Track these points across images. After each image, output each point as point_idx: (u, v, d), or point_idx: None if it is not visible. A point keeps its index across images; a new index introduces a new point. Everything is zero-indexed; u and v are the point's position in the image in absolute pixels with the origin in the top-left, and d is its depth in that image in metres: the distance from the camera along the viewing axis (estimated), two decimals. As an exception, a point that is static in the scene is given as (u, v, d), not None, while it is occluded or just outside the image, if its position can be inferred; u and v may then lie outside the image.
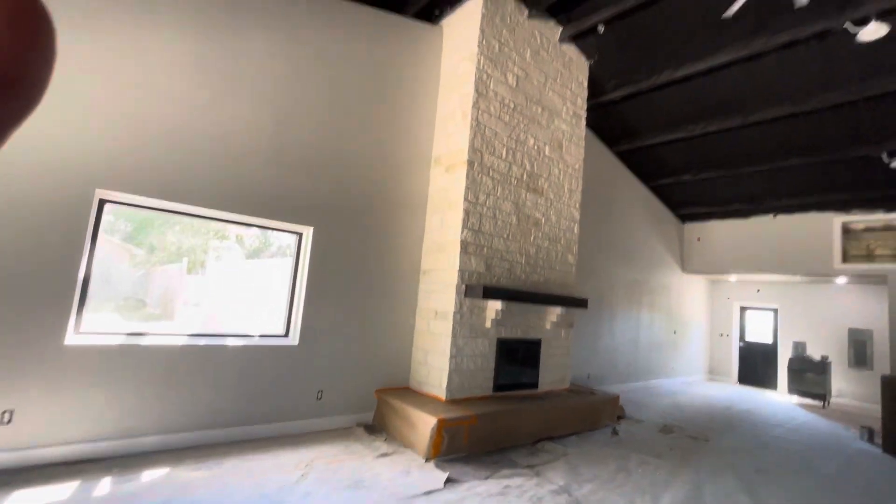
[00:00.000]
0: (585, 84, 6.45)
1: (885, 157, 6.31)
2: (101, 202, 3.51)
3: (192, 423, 3.75)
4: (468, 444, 4.13)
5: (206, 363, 3.84)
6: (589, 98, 6.74)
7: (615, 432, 5.40)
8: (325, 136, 4.61)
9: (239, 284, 5.50)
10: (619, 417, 6.08)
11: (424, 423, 4.02)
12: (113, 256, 4.15)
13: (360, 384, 4.76)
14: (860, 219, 7.86)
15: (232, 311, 5.33)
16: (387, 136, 5.09)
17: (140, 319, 4.45)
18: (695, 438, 5.48)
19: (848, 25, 4.56)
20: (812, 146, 6.71)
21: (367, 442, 4.26)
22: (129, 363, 3.48)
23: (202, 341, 3.85)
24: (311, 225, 4.48)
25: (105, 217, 3.58)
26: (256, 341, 4.17)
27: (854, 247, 8.37)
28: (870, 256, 8.10)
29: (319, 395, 4.46)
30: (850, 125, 6.12)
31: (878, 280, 7.95)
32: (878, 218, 7.62)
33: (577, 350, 7.20)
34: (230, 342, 4.00)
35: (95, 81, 3.43)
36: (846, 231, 8.11)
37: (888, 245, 7.99)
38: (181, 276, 5.15)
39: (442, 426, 3.93)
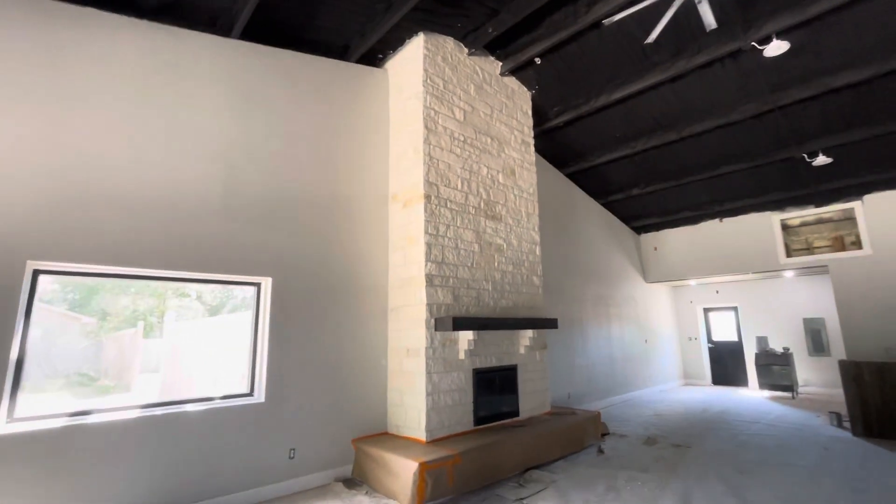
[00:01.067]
0: (530, 112, 6.75)
1: (806, 157, 6.87)
2: (36, 273, 3.28)
3: (154, 502, 3.42)
4: (454, 485, 3.96)
5: (165, 434, 3.55)
6: (535, 125, 7.05)
7: (601, 451, 5.35)
8: (279, 184, 4.56)
9: (200, 344, 5.20)
10: (604, 434, 6.05)
11: (405, 470, 3.84)
12: (58, 328, 3.85)
13: (336, 435, 4.52)
14: (795, 215, 8.43)
15: (194, 373, 5.01)
16: (341, 178, 5.09)
17: (91, 394, 4.09)
18: (678, 446, 5.50)
19: (754, 44, 5.03)
20: (742, 153, 7.24)
21: (348, 498, 4.01)
22: (75, 446, 3.17)
23: (159, 411, 3.58)
24: (268, 275, 4.35)
25: (50, 286, 3.34)
26: (219, 404, 3.91)
27: (794, 241, 8.94)
28: (809, 249, 8.66)
29: (292, 453, 4.19)
30: (771, 132, 6.65)
31: (821, 270, 8.48)
32: (811, 212, 8.21)
33: (554, 371, 7.19)
34: (190, 408, 3.73)
35: (23, 147, 3.28)
36: (785, 227, 8.68)
37: (823, 236, 8.60)
38: (136, 342, 4.82)
39: (424, 470, 3.76)
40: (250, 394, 4.16)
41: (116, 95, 3.73)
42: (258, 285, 4.37)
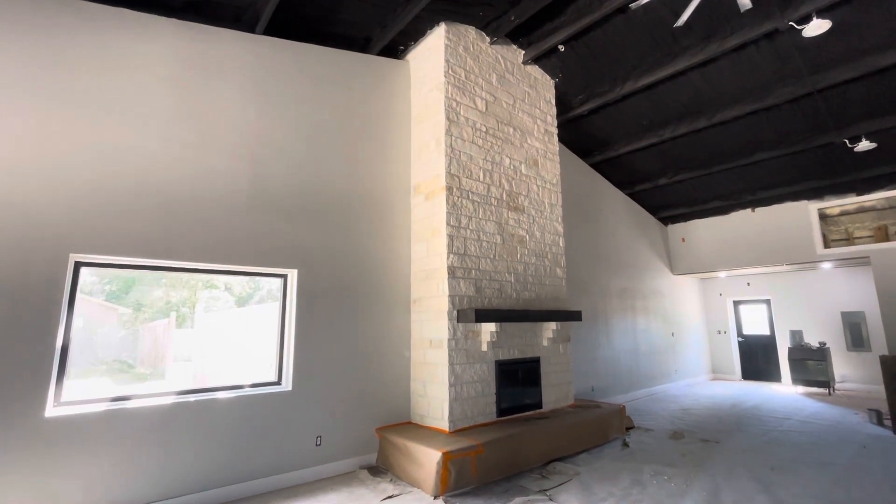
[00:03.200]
0: (553, 101, 6.63)
1: (847, 142, 6.53)
2: (77, 265, 3.44)
3: (188, 485, 3.57)
4: (477, 475, 3.99)
5: (198, 420, 3.70)
6: (558, 115, 6.92)
7: (626, 444, 5.29)
8: (303, 178, 4.63)
9: (229, 334, 5.37)
10: (628, 428, 5.97)
11: (429, 459, 3.89)
12: (98, 318, 4.04)
13: (360, 424, 4.61)
14: (834, 204, 8.05)
15: (224, 362, 5.19)
16: (364, 170, 5.13)
17: (129, 381, 4.29)
18: (706, 441, 5.38)
19: (792, 24, 4.79)
20: (777, 139, 6.93)
21: (373, 485, 4.10)
22: (115, 429, 3.34)
23: (192, 398, 3.72)
24: (294, 267, 4.44)
25: (89, 278, 3.51)
26: (248, 391, 4.04)
27: (833, 231, 8.55)
28: (849, 239, 8.27)
29: (318, 440, 4.30)
30: (809, 116, 6.34)
31: (862, 261, 8.09)
32: (852, 201, 7.81)
33: (578, 363, 7.12)
34: (221, 396, 3.87)
35: (66, 143, 3.42)
36: (823, 217, 8.30)
37: (865, 226, 8.18)
38: (169, 332, 5.02)
39: (448, 460, 3.80)
40: (278, 382, 4.27)
41: (149, 93, 3.85)
42: (285, 277, 4.47)
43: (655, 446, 5.23)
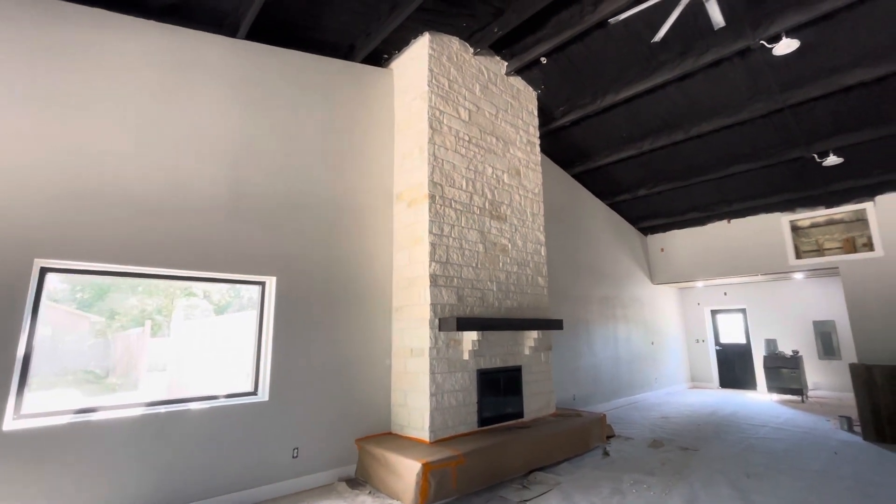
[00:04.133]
0: (535, 112, 6.72)
1: (816, 157, 6.78)
2: (43, 271, 3.31)
3: (158, 501, 3.43)
4: (457, 485, 3.94)
5: (169, 433, 3.57)
6: (540, 125, 7.02)
7: (606, 453, 5.30)
8: (284, 184, 4.57)
9: (206, 343, 5.23)
10: (609, 437, 6.00)
11: (408, 470, 3.82)
12: (68, 326, 3.88)
13: (339, 435, 4.52)
14: (805, 216, 8.32)
15: (200, 372, 5.03)
16: (347, 178, 5.09)
17: (99, 392, 4.11)
18: (685, 450, 5.44)
19: (763, 42, 4.97)
20: (750, 153, 7.15)
21: (351, 497, 4.00)
22: (80, 443, 3.19)
23: (162, 409, 3.59)
24: (272, 275, 4.36)
25: (60, 286, 3.38)
26: (223, 402, 3.92)
27: (804, 243, 8.82)
28: (820, 250, 8.54)
29: (295, 452, 4.19)
30: (780, 131, 6.57)
31: (832, 272, 8.36)
32: (821, 213, 8.09)
33: (559, 372, 7.14)
34: (193, 406, 3.75)
35: (35, 144, 3.31)
36: (795, 229, 8.56)
37: (834, 238, 8.47)
38: (143, 341, 4.85)
39: (427, 470, 3.75)
40: (254, 392, 4.17)
41: (123, 95, 3.76)
42: (263, 284, 4.38)
43: (636, 455, 5.26)
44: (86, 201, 3.46)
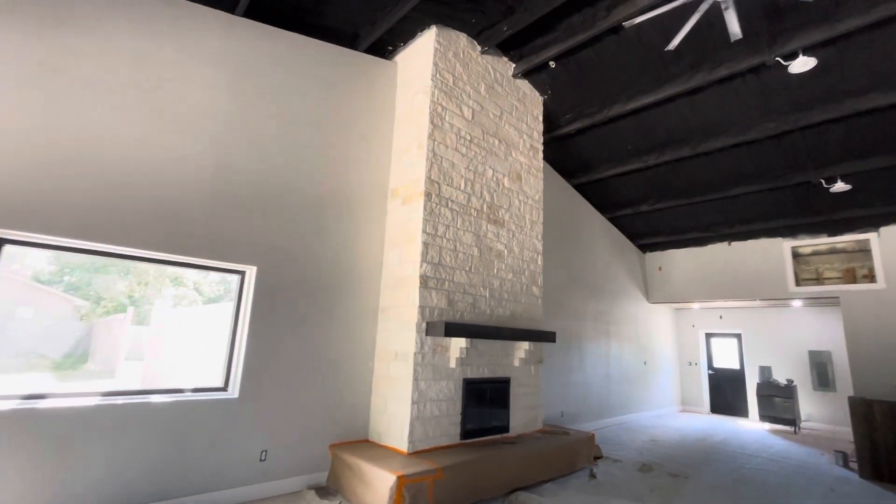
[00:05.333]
0: (541, 118, 6.55)
1: (823, 182, 6.64)
2: (1, 241, 3.06)
3: (110, 499, 3.15)
4: (434, 502, 3.68)
5: (126, 426, 3.30)
6: (545, 132, 6.85)
7: (593, 475, 5.05)
8: (273, 171, 4.34)
9: (187, 334, 4.95)
10: (597, 458, 5.75)
11: (382, 482, 3.56)
12: (51, 309, 3.63)
13: (313, 439, 4.25)
14: (807, 243, 8.17)
15: (177, 363, 4.75)
16: (340, 169, 4.88)
17: (76, 378, 3.82)
18: (674, 476, 5.19)
19: (779, 59, 4.83)
20: (756, 174, 7.00)
21: (319, 508, 3.73)
22: (23, 432, 2.92)
23: (119, 400, 3.32)
24: (254, 264, 4.11)
25: (48, 267, 3.16)
26: (188, 397, 3.66)
27: (804, 270, 8.66)
28: (819, 279, 8.39)
29: (263, 455, 3.92)
30: (788, 154, 6.43)
31: (831, 301, 8.20)
32: (824, 241, 7.94)
33: (549, 387, 6.90)
34: (155, 399, 3.48)
35: (1, 110, 3.07)
36: (796, 255, 8.40)
37: (834, 267, 8.32)
38: (123, 328, 4.57)
39: (402, 484, 3.49)
40: (224, 388, 3.90)
41: (104, 64, 3.53)
42: (242, 274, 4.14)
43: (623, 478, 5.01)
44: (53, 171, 3.22)
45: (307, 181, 4.59)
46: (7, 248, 3.11)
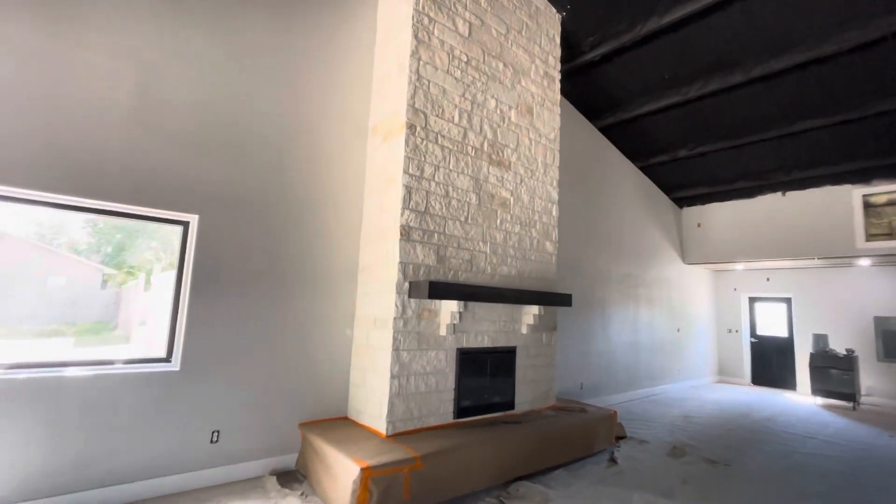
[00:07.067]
0: (557, 41, 5.45)
1: (916, 110, 5.32)
2: None
3: (18, 492, 2.64)
4: (410, 497, 3.02)
5: (37, 404, 2.74)
6: (564, 60, 5.74)
7: (613, 460, 4.30)
8: (218, 102, 3.56)
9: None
10: (619, 438, 4.99)
11: (345, 473, 2.92)
12: (83, 278, 3.16)
13: (277, 417, 3.65)
14: (882, 190, 6.85)
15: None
16: (308, 101, 4.05)
17: (106, 342, 3.31)
18: (712, 463, 4.38)
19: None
20: (827, 103, 5.71)
21: (276, 498, 3.15)
22: None
23: (23, 374, 2.74)
24: (196, 213, 3.41)
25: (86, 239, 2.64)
26: (118, 369, 3.06)
27: (874, 224, 7.35)
28: (892, 234, 7.08)
29: (215, 436, 3.34)
30: (873, 73, 5.12)
31: (908, 259, 6.93)
32: (905, 187, 6.61)
33: (566, 357, 6.11)
34: (73, 373, 2.89)
35: None
36: (867, 206, 7.10)
37: (915, 220, 6.99)
38: (136, 294, 4.02)
39: (368, 477, 2.82)
40: (167, 359, 3.29)
41: (-19, -48, 2.77)
42: (186, 225, 3.45)
43: (650, 465, 4.24)
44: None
45: (264, 115, 3.79)
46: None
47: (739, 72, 5.49)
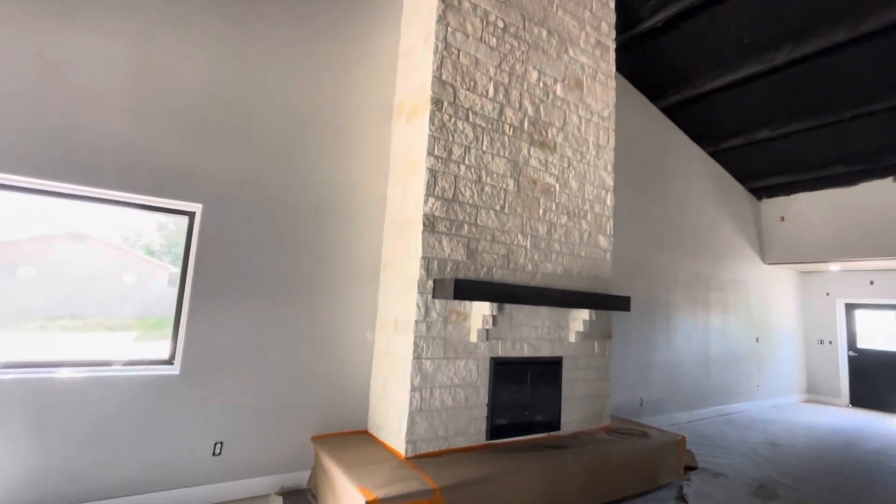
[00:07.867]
0: (612, 5, 4.74)
1: None
2: None
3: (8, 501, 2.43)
4: (428, 537, 2.51)
5: (25, 410, 2.52)
6: (620, 30, 5.02)
7: (682, 498, 3.55)
8: (227, 82, 3.27)
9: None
10: (689, 468, 4.19)
11: (350, 503, 2.46)
12: (151, 275, 3.17)
13: (290, 428, 3.28)
14: None
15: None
16: (329, 79, 3.68)
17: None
18: (815, 510, 3.50)
19: None
20: (965, 61, 4.56)
21: (279, 525, 2.75)
22: None
23: (8, 375, 2.53)
24: (200, 202, 3.11)
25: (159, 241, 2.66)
26: (116, 372, 2.81)
27: None
28: None
29: (218, 448, 3.02)
30: None
31: None
32: None
33: (623, 368, 5.35)
34: (67, 375, 2.66)
35: None
36: None
37: None
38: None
39: (375, 512, 2.35)
40: (170, 361, 3.02)
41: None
42: (192, 215, 3.17)
43: (731, 507, 3.45)
44: None
45: (278, 95, 3.45)
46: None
47: (843, 28, 4.50)
